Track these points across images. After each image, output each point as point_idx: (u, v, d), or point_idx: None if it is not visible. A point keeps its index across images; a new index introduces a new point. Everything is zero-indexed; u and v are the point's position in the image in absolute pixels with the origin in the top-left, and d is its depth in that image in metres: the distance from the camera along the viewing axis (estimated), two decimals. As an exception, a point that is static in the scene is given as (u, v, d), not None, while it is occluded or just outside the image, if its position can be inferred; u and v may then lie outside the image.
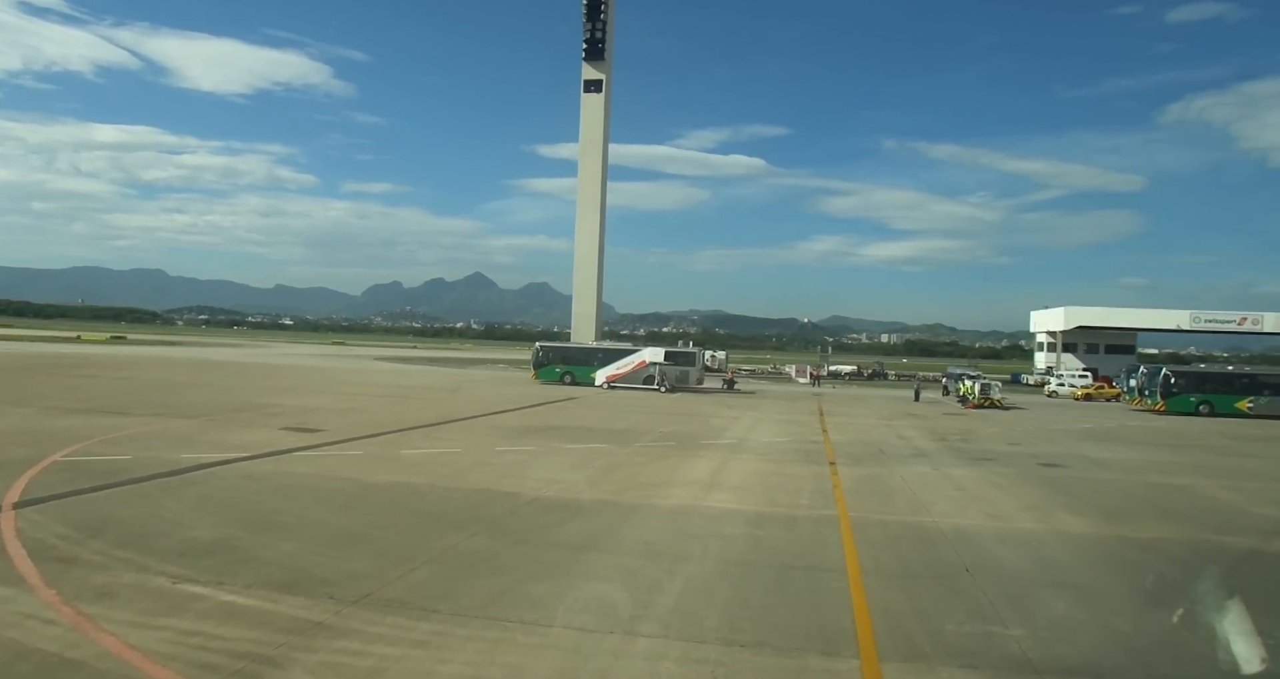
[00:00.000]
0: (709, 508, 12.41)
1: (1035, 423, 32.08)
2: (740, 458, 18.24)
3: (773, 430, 25.15)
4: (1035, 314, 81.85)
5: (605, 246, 65.00)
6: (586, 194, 64.39)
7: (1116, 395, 52.34)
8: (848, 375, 76.40)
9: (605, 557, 9.38)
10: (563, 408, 30.59)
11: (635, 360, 43.38)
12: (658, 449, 19.22)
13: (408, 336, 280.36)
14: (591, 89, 64.83)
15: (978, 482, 16.02)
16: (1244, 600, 5.40)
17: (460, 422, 23.79)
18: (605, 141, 65.08)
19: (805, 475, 15.97)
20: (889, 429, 27.12)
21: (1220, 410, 39.18)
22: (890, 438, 24.25)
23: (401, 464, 15.36)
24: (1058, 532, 11.55)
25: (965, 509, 13.01)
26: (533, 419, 25.55)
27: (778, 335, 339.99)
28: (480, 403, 30.73)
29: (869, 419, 31.31)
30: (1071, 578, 9.19)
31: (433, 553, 9.12)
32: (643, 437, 21.73)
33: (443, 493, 12.79)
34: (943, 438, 24.75)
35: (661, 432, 23.20)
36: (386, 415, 24.31)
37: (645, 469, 16.07)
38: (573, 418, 26.54)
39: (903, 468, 17.60)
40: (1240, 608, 5.01)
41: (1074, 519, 12.47)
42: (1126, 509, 13.77)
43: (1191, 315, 68.62)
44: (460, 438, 19.82)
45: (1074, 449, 22.87)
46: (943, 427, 28.95)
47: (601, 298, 64.86)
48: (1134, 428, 31.77)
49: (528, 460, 16.59)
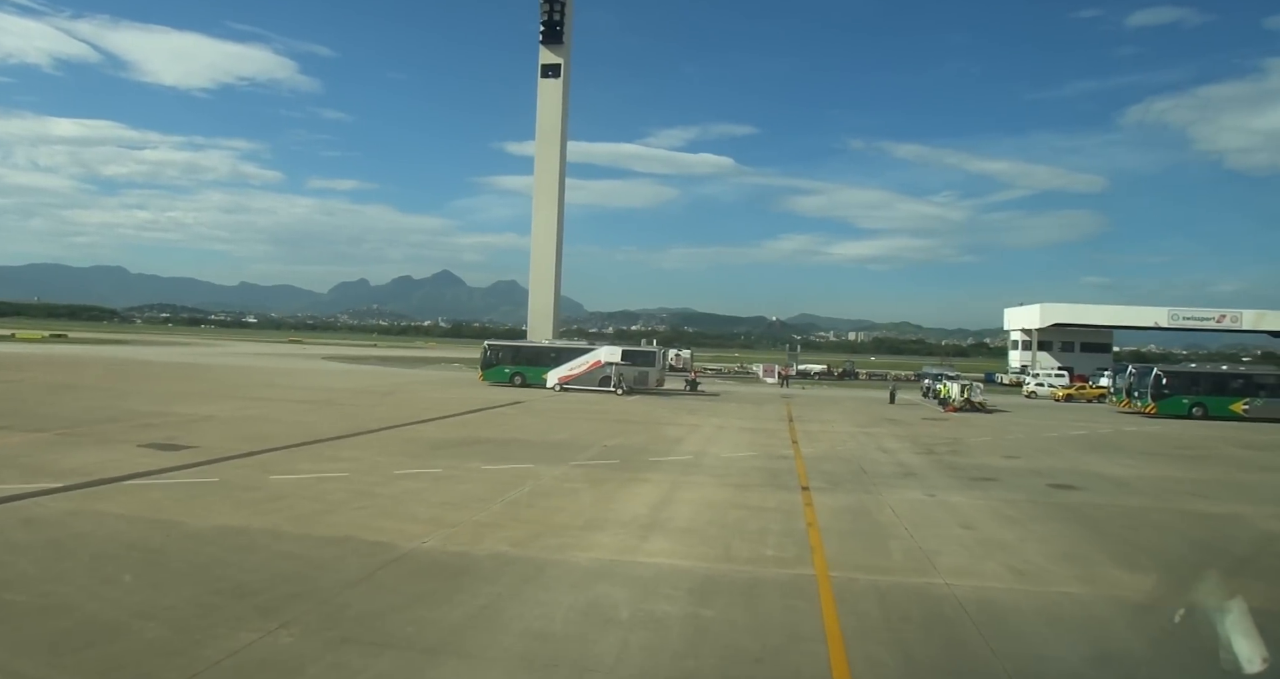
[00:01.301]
0: (642, 566, 9.15)
1: (1024, 429, 29.26)
2: (694, 482, 15.01)
3: (736, 441, 21.98)
4: (1009, 311, 79.68)
5: (565, 241, 61.80)
6: (544, 184, 60.94)
7: (1099, 395, 49.98)
8: (817, 375, 73.55)
9: (467, 671, 6.10)
10: (502, 415, 27.19)
11: (590, 360, 39.98)
12: (596, 470, 15.93)
13: (372, 335, 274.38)
14: (549, 74, 61.39)
15: (985, 514, 12.93)
16: None
17: (372, 434, 20.34)
18: (564, 129, 61.69)
19: (772, 507, 12.77)
20: (867, 438, 24.08)
21: (1214, 413, 36.72)
22: (870, 450, 21.18)
23: (256, 498, 11.94)
24: (1114, 599, 8.42)
25: (982, 561, 9.87)
26: (460, 429, 22.13)
27: (746, 334, 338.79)
28: (409, 409, 27.23)
29: (844, 425, 28.28)
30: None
31: (194, 668, 5.77)
32: (583, 452, 18.43)
33: (282, 546, 9.40)
34: (929, 450, 21.74)
35: (606, 445, 19.91)
36: (286, 427, 20.80)
37: (572, 501, 12.78)
38: (508, 427, 23.16)
39: (890, 493, 14.48)
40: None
41: (1128, 576, 9.36)
42: (1185, 556, 10.71)
43: (1170, 312, 66.67)
44: (358, 456, 16.38)
45: (1080, 463, 19.96)
46: (926, 435, 25.97)
47: (559, 293, 61.48)
48: (1131, 434, 29.07)
49: (426, 489, 13.22)
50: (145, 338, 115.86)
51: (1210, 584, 6.19)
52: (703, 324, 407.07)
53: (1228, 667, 4.05)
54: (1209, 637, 4.26)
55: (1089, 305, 70.89)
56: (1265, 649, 4.03)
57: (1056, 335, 72.47)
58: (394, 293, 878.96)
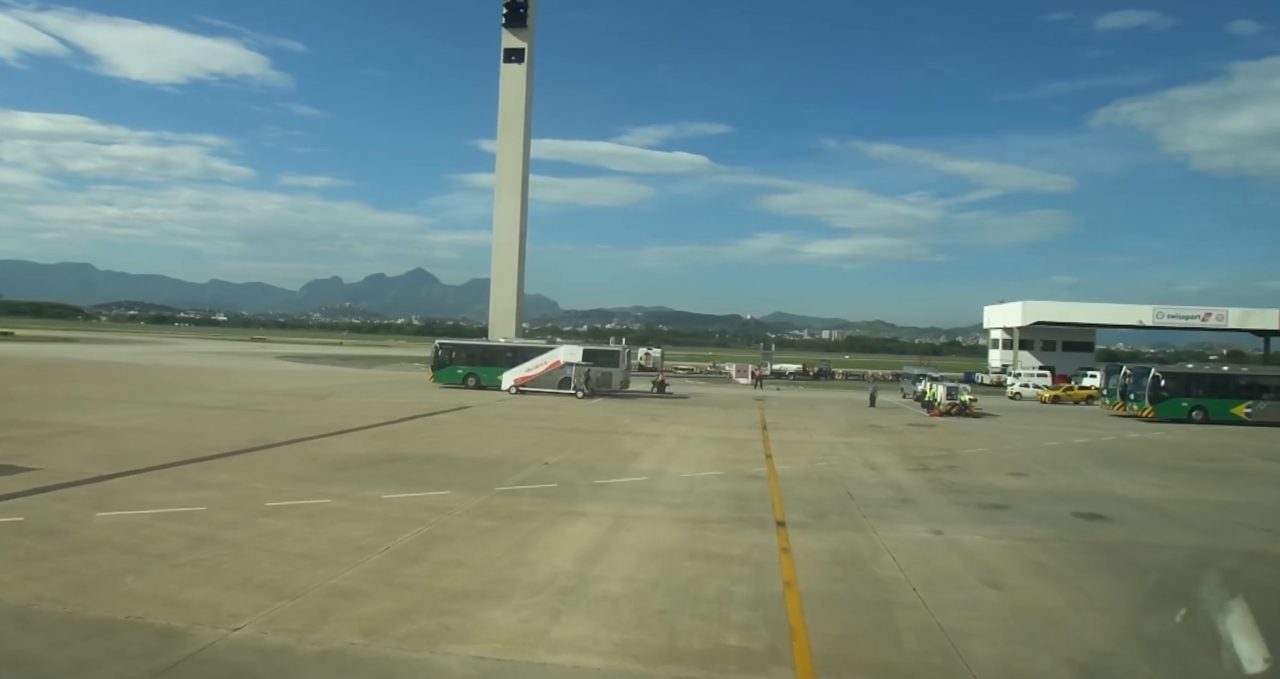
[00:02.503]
0: (541, 674, 6.21)
1: (1020, 437, 26.61)
2: (643, 516, 12.06)
3: (700, 456, 19.05)
4: (989, 309, 77.37)
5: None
6: (506, 174, 57.72)
7: (1087, 397, 47.69)
8: (792, 375, 70.71)
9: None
10: (439, 423, 24.07)
11: (548, 360, 36.85)
12: (525, 499, 12.92)
13: (343, 333, 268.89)
14: (512, 59, 58.10)
15: (1012, 562, 10.12)
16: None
17: (271, 449, 17.20)
18: (528, 118, 58.43)
19: (739, 556, 9.86)
20: (851, 451, 21.27)
21: (1215, 416, 34.37)
22: (855, 466, 18.35)
23: (49, 549, 8.91)
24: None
25: (1031, 649, 7.02)
26: (381, 443, 19.02)
27: (721, 332, 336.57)
28: (336, 416, 24.04)
29: (823, 434, 25.47)
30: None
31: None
32: (516, 472, 15.42)
33: (14, 644, 6.37)
34: (923, 465, 18.94)
35: (548, 463, 16.89)
36: (171, 441, 17.61)
37: (477, 550, 9.77)
38: (439, 439, 20.07)
39: (887, 530, 11.62)
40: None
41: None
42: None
43: (1155, 311, 64.59)
44: (233, 481, 13.28)
45: (1098, 483, 17.28)
46: (915, 445, 23.22)
47: (523, 290, 58.33)
48: (1137, 443, 26.53)
49: (292, 531, 10.18)
50: (102, 336, 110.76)
51: (1211, 584, 5.45)
52: (678, 322, 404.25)
53: (1229, 666, 3.86)
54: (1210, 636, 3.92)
55: (1072, 303, 68.67)
56: (1266, 649, 3.83)
57: (1037, 334, 70.25)
58: (367, 291, 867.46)
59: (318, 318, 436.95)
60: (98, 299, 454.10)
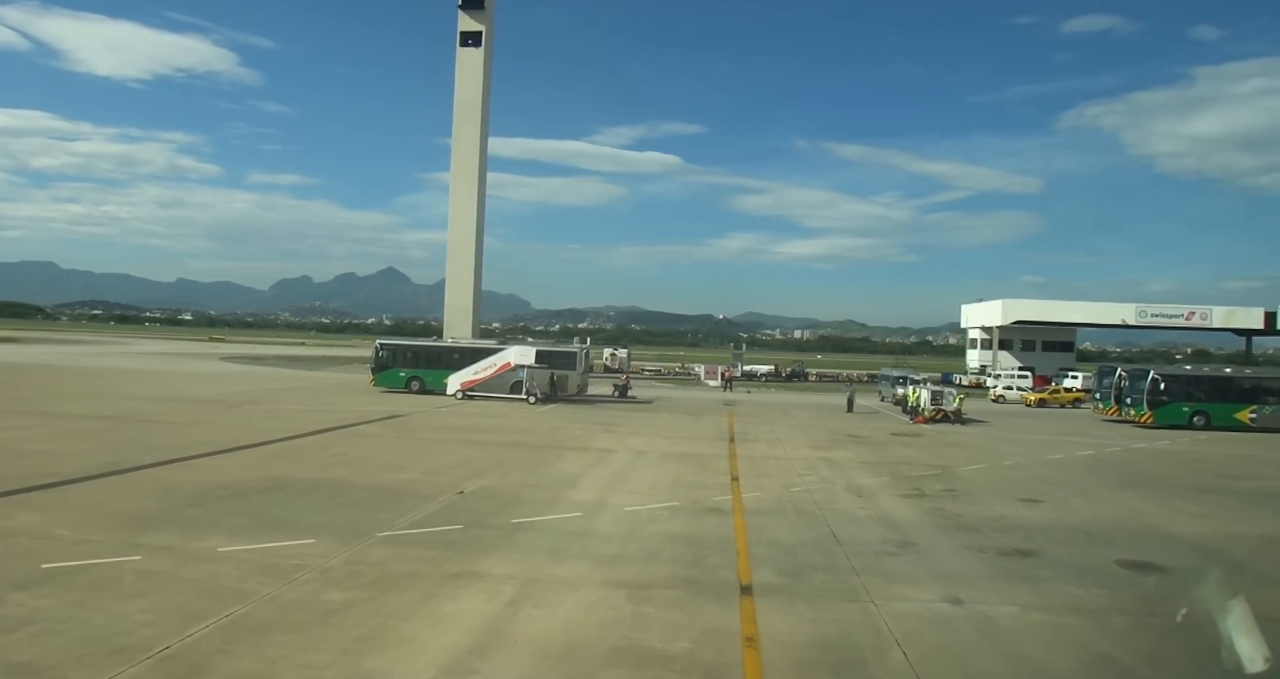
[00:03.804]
0: None
1: (1017, 448, 23.89)
2: (560, 580, 8.97)
3: (653, 480, 15.98)
4: (967, 308, 75.13)
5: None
6: (462, 165, 54.30)
7: (1075, 400, 45.32)
8: (764, 376, 67.71)
9: None
10: (355, 438, 20.81)
11: (498, 362, 33.52)
12: (407, 554, 9.77)
13: (310, 333, 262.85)
14: (469, 42, 54.61)
15: (1067, 654, 7.21)
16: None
17: (127, 475, 13.94)
18: (486, 105, 55.00)
19: (681, 659, 6.81)
20: (831, 469, 18.36)
21: (1217, 422, 31.96)
22: (839, 492, 15.41)
23: None
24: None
25: None
26: (267, 466, 15.73)
27: (693, 331, 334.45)
28: (235, 430, 20.70)
29: (798, 446, 22.55)
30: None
31: None
32: (417, 508, 12.27)
33: None
34: (918, 489, 16.04)
35: (463, 492, 13.77)
36: (9, 463, 14.29)
37: (292, 657, 6.60)
38: (341, 460, 16.77)
39: (889, 599, 8.64)
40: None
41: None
42: None
43: (1138, 309, 62.58)
44: (31, 525, 10.04)
45: (1128, 511, 14.49)
46: (904, 460, 20.37)
47: (481, 287, 54.99)
48: (1145, 453, 23.90)
49: (43, 614, 6.98)
50: (51, 336, 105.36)
51: (1212, 583, 4.46)
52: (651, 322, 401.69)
53: (1229, 666, 3.62)
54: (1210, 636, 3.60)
55: (1053, 301, 66.48)
56: (1267, 649, 3.59)
57: (1016, 334, 68.13)
58: (337, 290, 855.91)
59: (287, 317, 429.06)
60: (61, 298, 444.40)
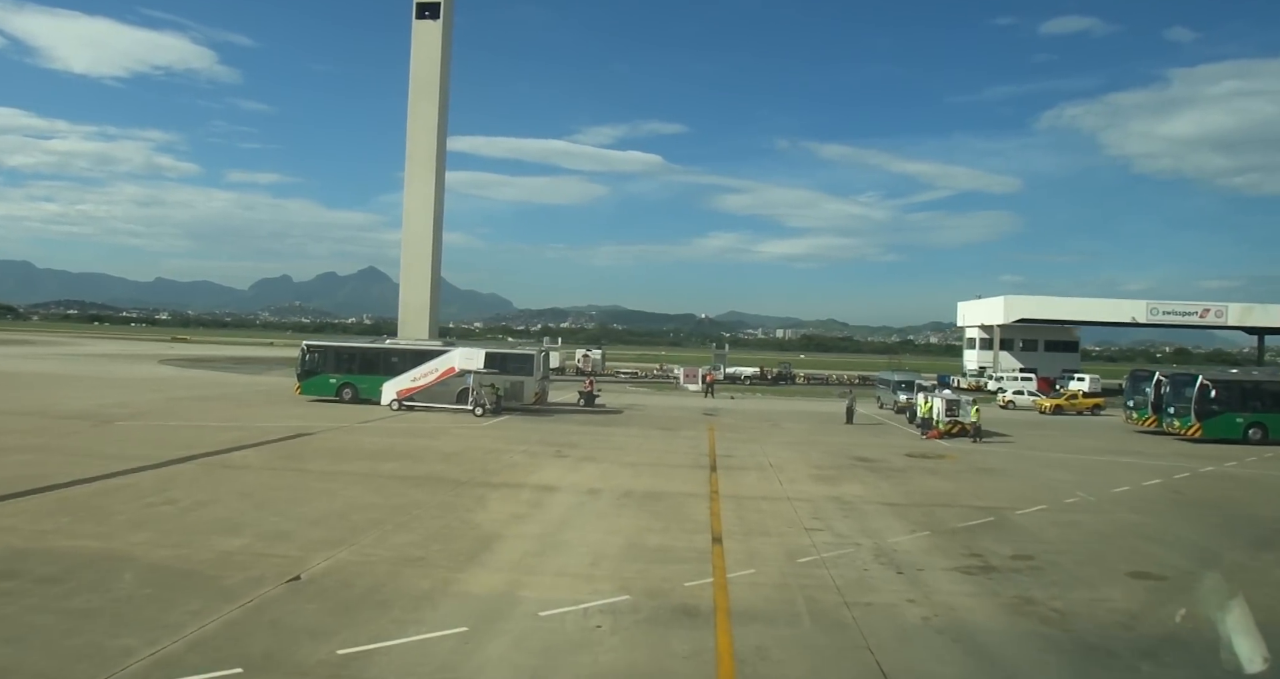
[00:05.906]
0: None
1: (1067, 475, 19.31)
2: None
3: (600, 545, 11.14)
4: (964, 305, 70.63)
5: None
6: (418, 149, 49.70)
7: (1093, 406, 40.90)
8: (748, 379, 62.81)
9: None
10: (218, 469, 15.83)
11: (440, 367, 28.50)
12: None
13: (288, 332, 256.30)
14: (426, 14, 49.92)
15: None
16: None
17: None
18: (444, 82, 50.36)
19: None
20: (846, 516, 13.64)
21: (1275, 436, 27.57)
22: (867, 563, 10.68)
23: None
24: None
25: None
26: (47, 521, 10.81)
27: (675, 331, 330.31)
28: (73, 458, 15.66)
29: (798, 476, 17.83)
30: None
31: None
32: (194, 619, 7.39)
33: None
34: (978, 557, 11.29)
35: (296, 578, 8.92)
36: None
37: None
38: (162, 513, 11.79)
39: None
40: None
41: None
42: None
43: (1149, 306, 58.23)
44: None
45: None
46: (938, 498, 15.69)
47: (438, 283, 50.25)
48: (1216, 478, 19.40)
49: None
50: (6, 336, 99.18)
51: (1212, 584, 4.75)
52: (633, 322, 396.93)
53: (1229, 666, 3.64)
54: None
55: (1059, 297, 61.99)
56: (1266, 648, 3.62)
57: (1017, 333, 63.75)
58: (318, 289, 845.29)
59: (266, 317, 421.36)
60: (37, 298, 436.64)
